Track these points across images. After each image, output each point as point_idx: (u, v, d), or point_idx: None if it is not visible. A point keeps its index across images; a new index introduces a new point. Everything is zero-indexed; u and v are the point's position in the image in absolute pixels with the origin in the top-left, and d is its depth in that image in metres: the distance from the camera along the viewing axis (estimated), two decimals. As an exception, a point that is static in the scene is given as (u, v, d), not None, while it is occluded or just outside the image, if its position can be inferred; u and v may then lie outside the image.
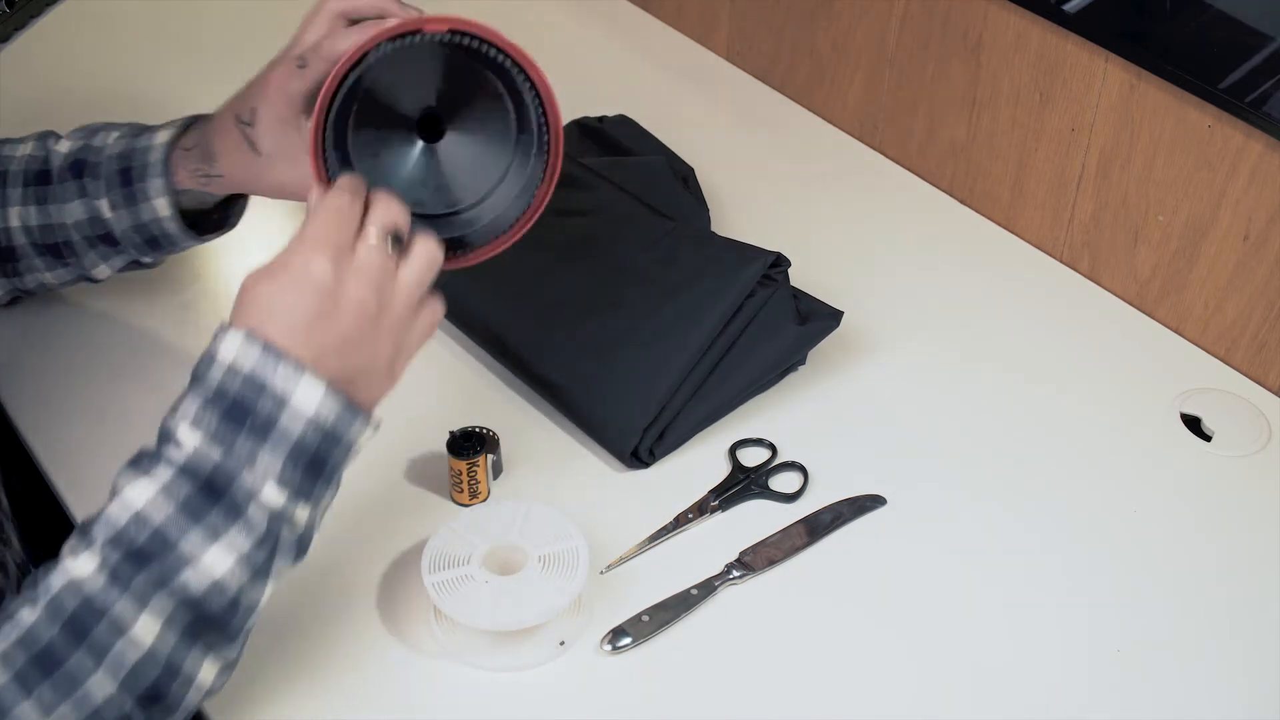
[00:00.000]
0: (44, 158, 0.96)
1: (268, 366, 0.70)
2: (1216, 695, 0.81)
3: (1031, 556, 0.89)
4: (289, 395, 0.70)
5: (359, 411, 0.73)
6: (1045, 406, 0.99)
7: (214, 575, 0.70)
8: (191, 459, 0.70)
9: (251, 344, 0.71)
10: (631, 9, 1.46)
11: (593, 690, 0.81)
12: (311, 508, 0.73)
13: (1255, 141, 0.95)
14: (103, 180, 0.93)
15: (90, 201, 0.94)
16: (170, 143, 0.92)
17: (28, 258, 0.97)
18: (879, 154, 1.25)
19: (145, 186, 0.92)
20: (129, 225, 0.93)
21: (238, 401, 0.70)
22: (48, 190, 0.95)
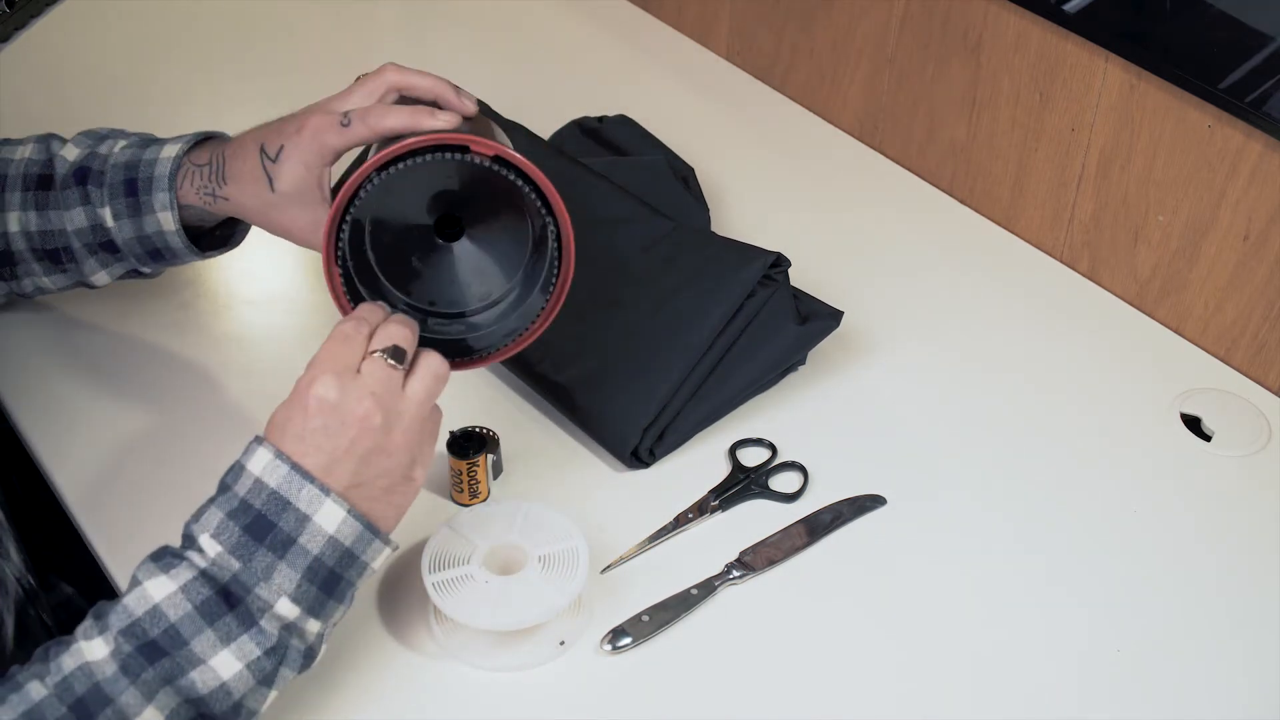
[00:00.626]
0: (46, 161, 0.96)
1: (293, 486, 0.72)
2: (1216, 695, 0.81)
3: (1031, 556, 0.89)
4: (312, 515, 0.72)
5: (377, 534, 0.74)
6: (1045, 407, 0.99)
7: (221, 678, 0.70)
8: (211, 567, 0.71)
9: (280, 463, 0.73)
10: (631, 9, 1.46)
11: (593, 690, 0.81)
12: (322, 622, 0.74)
13: (1255, 141, 0.95)
14: (106, 189, 0.93)
15: (93, 209, 0.94)
16: (179, 156, 0.92)
17: (26, 262, 0.97)
18: (879, 154, 1.25)
19: (150, 199, 0.92)
20: (131, 235, 0.93)
21: (261, 518, 0.72)
22: (49, 196, 0.95)
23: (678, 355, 0.95)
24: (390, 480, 0.75)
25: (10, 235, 0.96)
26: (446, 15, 1.45)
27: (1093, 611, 0.85)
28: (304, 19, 1.44)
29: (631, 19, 1.45)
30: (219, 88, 1.32)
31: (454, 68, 1.31)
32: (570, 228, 0.82)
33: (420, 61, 1.39)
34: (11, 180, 0.96)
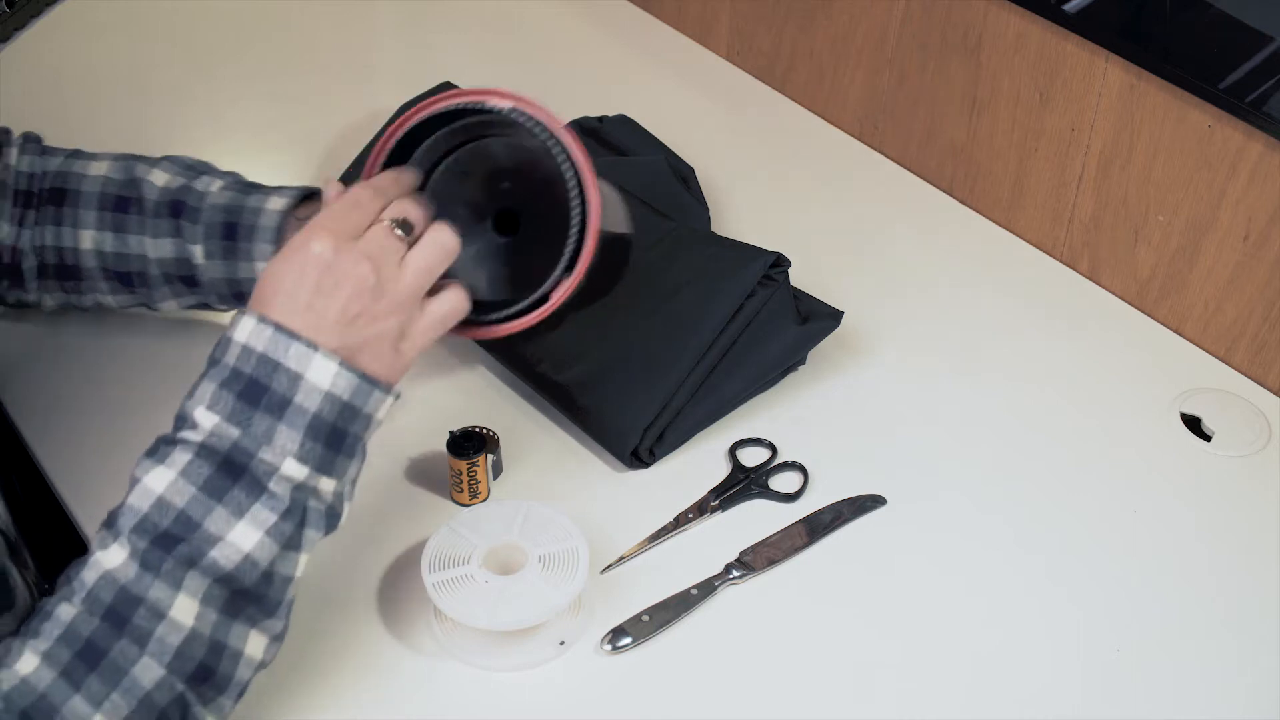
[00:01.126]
0: (128, 183, 0.95)
1: (279, 346, 0.72)
2: (1216, 695, 0.81)
3: (1031, 556, 0.89)
4: (303, 372, 0.72)
5: (376, 383, 0.74)
6: (1045, 407, 0.99)
7: (243, 550, 0.71)
8: (209, 439, 0.71)
9: (264, 326, 0.72)
10: (631, 9, 1.46)
11: (593, 690, 0.81)
12: (337, 480, 0.74)
13: (1255, 141, 0.95)
14: (202, 227, 0.93)
15: (183, 244, 0.94)
16: (286, 211, 0.93)
17: (93, 279, 0.97)
18: (879, 154, 1.25)
19: (250, 247, 0.93)
20: (220, 276, 0.94)
21: (253, 381, 0.72)
22: (130, 219, 0.95)
23: (678, 355, 0.95)
24: (379, 347, 0.75)
25: (82, 251, 0.96)
26: (446, 15, 1.45)
27: (1093, 611, 0.85)
28: (304, 19, 1.44)
29: (631, 19, 1.45)
30: (219, 88, 1.32)
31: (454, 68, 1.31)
32: (597, 198, 0.82)
33: (420, 61, 1.40)
34: (87, 197, 0.95)
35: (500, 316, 0.85)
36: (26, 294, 1.00)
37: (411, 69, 1.39)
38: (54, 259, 0.97)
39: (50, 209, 0.96)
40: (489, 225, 0.85)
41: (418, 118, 0.83)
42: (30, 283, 0.99)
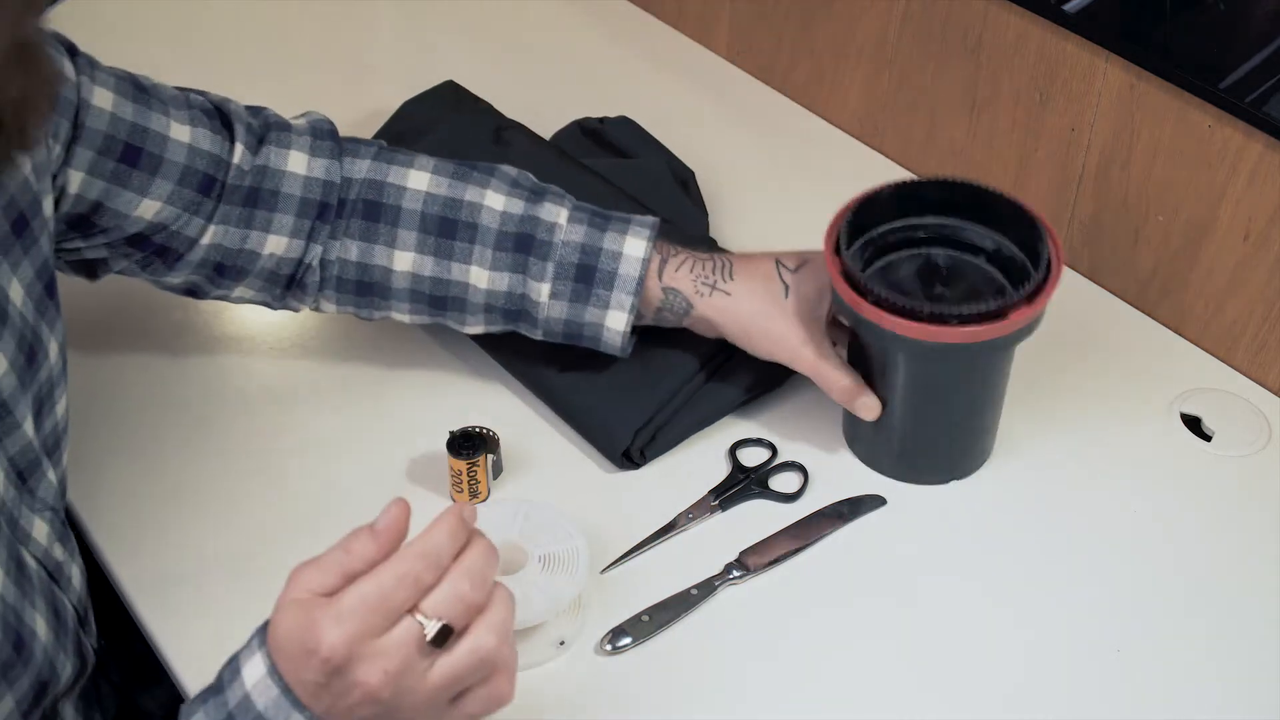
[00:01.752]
0: (454, 204, 0.89)
1: (280, 713, 0.65)
2: (1216, 695, 0.81)
3: (1031, 556, 0.89)
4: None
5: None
6: (1045, 406, 0.99)
7: None
8: None
9: (271, 682, 0.65)
10: (631, 9, 1.46)
11: (593, 690, 0.81)
12: None
13: (1255, 141, 0.95)
14: (552, 265, 0.89)
15: (526, 280, 0.89)
16: (646, 258, 0.90)
17: (398, 299, 0.92)
18: (879, 154, 1.25)
19: (608, 295, 0.89)
20: (559, 316, 0.90)
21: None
22: (459, 247, 0.89)
23: (674, 359, 0.95)
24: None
25: (394, 273, 0.90)
26: (446, 15, 1.45)
27: (1092, 611, 0.85)
28: (304, 19, 1.44)
29: (631, 19, 1.45)
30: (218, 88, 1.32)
31: (454, 67, 1.31)
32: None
33: (420, 61, 1.40)
34: (407, 215, 0.89)
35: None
36: (303, 303, 0.94)
37: (411, 69, 1.39)
38: (355, 275, 0.91)
39: (359, 224, 0.89)
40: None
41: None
42: (310, 295, 0.93)
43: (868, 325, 0.85)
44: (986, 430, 0.94)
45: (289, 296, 0.94)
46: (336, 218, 0.90)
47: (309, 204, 0.90)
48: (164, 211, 0.87)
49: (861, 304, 0.84)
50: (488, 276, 0.90)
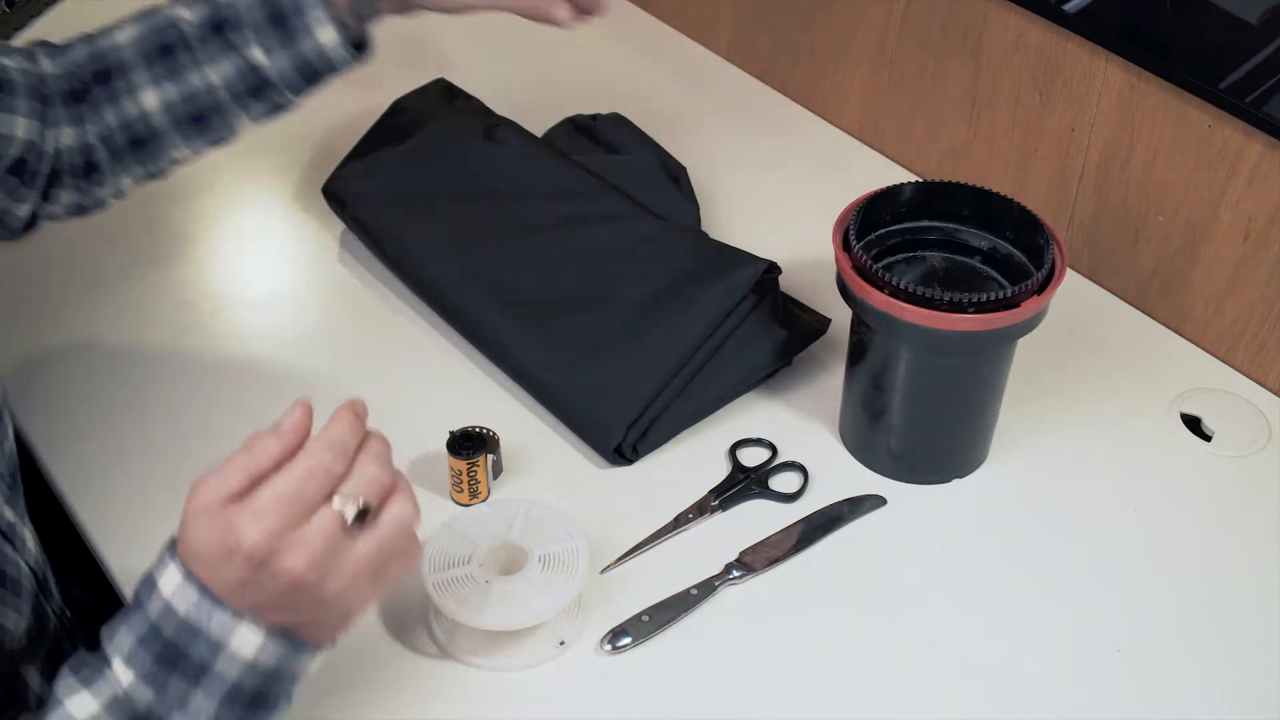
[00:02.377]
0: (162, 29, 0.95)
1: (203, 613, 0.65)
2: (1216, 695, 0.81)
3: (1031, 556, 0.89)
4: (225, 641, 0.65)
5: (304, 647, 0.67)
6: (1044, 405, 0.99)
7: None
8: (125, 695, 0.66)
9: (189, 586, 0.65)
10: (631, 9, 1.46)
11: (593, 690, 0.81)
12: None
13: (1255, 141, 0.95)
14: (249, 28, 0.94)
15: (241, 53, 0.94)
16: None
17: (168, 136, 0.96)
18: (879, 154, 1.25)
19: (303, 21, 0.94)
20: (287, 64, 0.95)
21: (170, 644, 0.65)
22: (182, 60, 0.95)
23: (663, 356, 0.95)
24: (319, 626, 0.68)
25: (150, 114, 0.95)
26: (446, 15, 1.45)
27: (1093, 611, 0.85)
28: (304, 19, 1.44)
29: (631, 19, 1.45)
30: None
31: (452, 66, 1.31)
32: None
33: (419, 59, 1.39)
34: (129, 63, 0.95)
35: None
36: (105, 187, 0.98)
37: (410, 67, 1.39)
38: (124, 137, 0.96)
39: (101, 90, 0.95)
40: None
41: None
42: (106, 173, 0.97)
43: (881, 317, 0.85)
44: (985, 430, 0.94)
45: (93, 185, 0.98)
46: (87, 96, 0.95)
47: (66, 95, 0.95)
48: (30, 127, 0.91)
49: (877, 295, 0.84)
50: (214, 70, 0.95)
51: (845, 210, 0.90)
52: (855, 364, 0.92)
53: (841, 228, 0.89)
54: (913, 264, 0.91)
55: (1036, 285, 0.84)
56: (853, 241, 0.87)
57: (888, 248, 0.91)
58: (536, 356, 0.97)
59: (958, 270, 0.91)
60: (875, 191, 0.91)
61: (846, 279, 0.86)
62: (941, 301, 0.83)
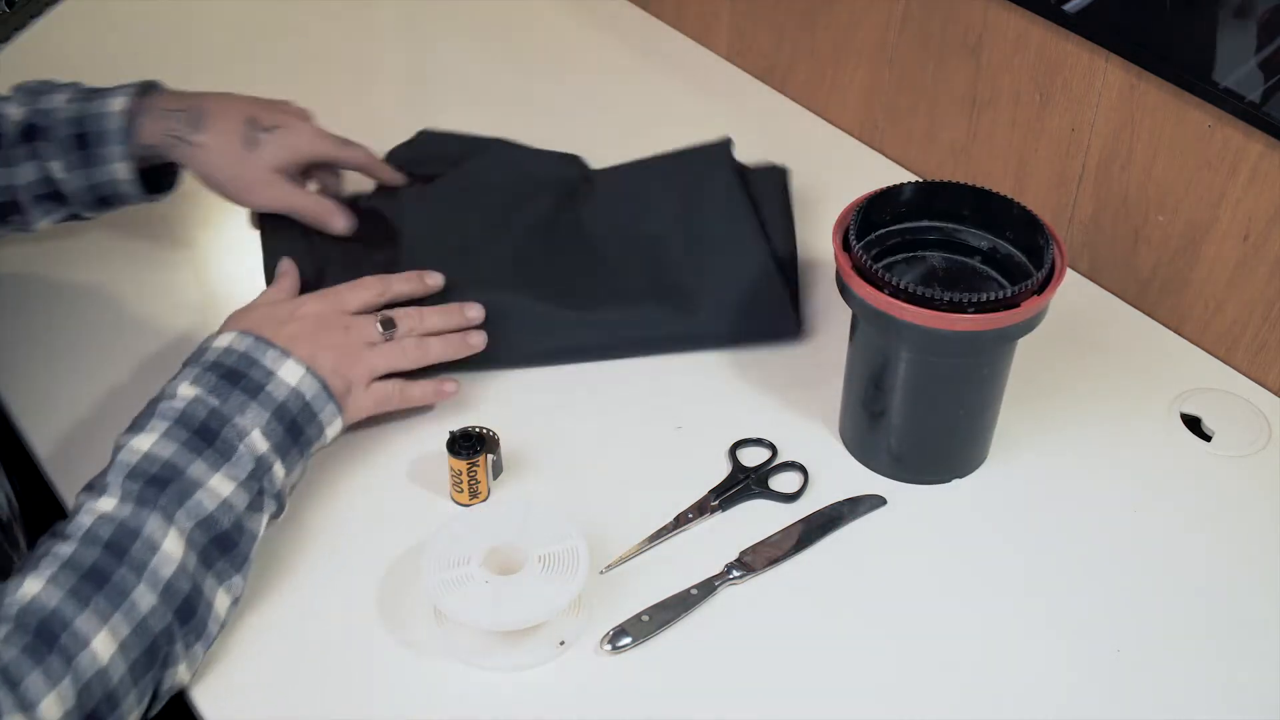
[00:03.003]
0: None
1: (259, 349, 0.85)
2: (1216, 695, 0.81)
3: (1031, 556, 0.89)
4: (276, 370, 0.85)
5: (333, 396, 0.87)
6: (1045, 405, 0.99)
7: (221, 495, 0.79)
8: (190, 405, 0.81)
9: (246, 336, 0.86)
10: (631, 9, 1.46)
11: (593, 690, 0.81)
12: (286, 470, 0.84)
13: (1255, 141, 0.95)
14: (55, 144, 0.98)
15: (42, 164, 0.99)
16: (126, 111, 0.98)
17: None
18: (879, 154, 1.25)
19: (101, 151, 0.98)
20: (82, 185, 0.99)
21: (233, 369, 0.84)
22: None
23: (745, 241, 1.04)
24: (336, 376, 0.88)
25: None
26: (446, 16, 1.45)
27: (1092, 611, 0.85)
28: (304, 19, 1.44)
29: (631, 19, 1.45)
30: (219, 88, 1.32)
31: (453, 68, 1.31)
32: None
33: (420, 62, 1.40)
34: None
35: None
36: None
37: (411, 69, 1.39)
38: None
39: None
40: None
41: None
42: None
43: (881, 318, 0.85)
44: (985, 430, 0.94)
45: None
46: None
47: None
48: None
49: (877, 295, 0.84)
50: (20, 171, 0.99)
51: (845, 210, 0.90)
52: (855, 364, 0.92)
53: (841, 228, 0.89)
54: (913, 264, 0.91)
55: (1036, 285, 0.84)
56: (853, 241, 0.87)
57: (888, 248, 0.91)
58: (656, 319, 1.01)
59: (957, 270, 0.91)
60: (875, 191, 0.91)
61: (846, 279, 0.86)
62: (941, 301, 0.83)
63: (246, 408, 0.82)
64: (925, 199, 0.91)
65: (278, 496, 0.83)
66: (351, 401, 0.89)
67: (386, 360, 0.92)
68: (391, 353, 0.93)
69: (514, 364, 1.01)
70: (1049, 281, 0.85)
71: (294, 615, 0.84)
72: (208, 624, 0.78)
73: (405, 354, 0.93)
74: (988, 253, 0.91)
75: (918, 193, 0.91)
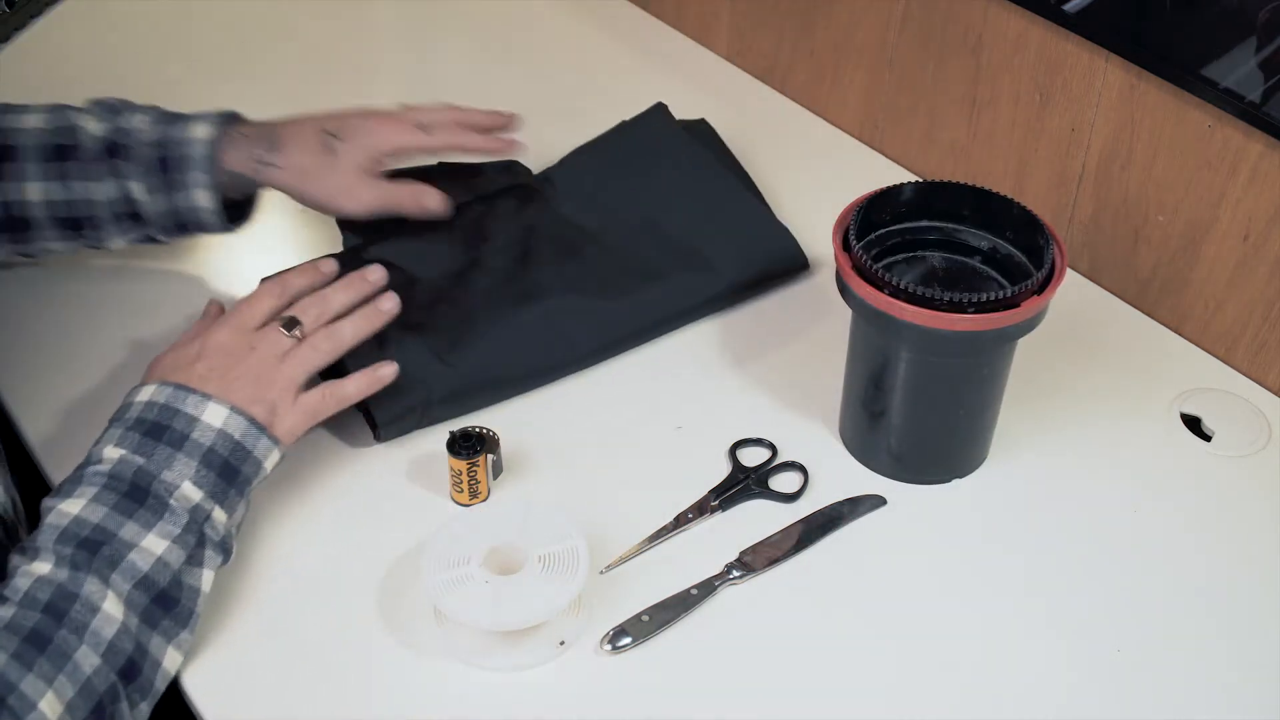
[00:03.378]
0: (63, 130, 0.99)
1: (179, 397, 0.83)
2: (1216, 695, 0.81)
3: (1031, 556, 0.89)
4: (199, 415, 0.82)
5: (264, 431, 0.84)
6: (1045, 405, 0.99)
7: (155, 553, 0.78)
8: (116, 467, 0.79)
9: (164, 386, 0.83)
10: (631, 9, 1.46)
11: (593, 690, 0.81)
12: (227, 514, 0.82)
13: (1255, 141, 0.95)
14: (137, 164, 0.98)
15: (123, 183, 0.98)
16: (213, 139, 0.98)
17: (41, 229, 1.00)
18: (879, 154, 1.25)
19: (184, 177, 0.98)
20: (163, 209, 0.99)
21: (155, 423, 0.81)
22: (71, 167, 0.98)
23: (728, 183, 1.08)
24: (260, 403, 0.85)
25: (30, 204, 0.99)
26: (446, 16, 1.45)
27: (1092, 611, 0.85)
28: (304, 20, 1.44)
29: (631, 19, 1.45)
30: (219, 88, 1.32)
31: (453, 68, 1.31)
32: None
33: (420, 62, 1.40)
34: (25, 150, 0.98)
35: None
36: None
37: (411, 70, 1.39)
38: (1, 212, 0.99)
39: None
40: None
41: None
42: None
43: (881, 318, 0.85)
44: (985, 430, 0.94)
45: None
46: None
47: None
48: None
49: (877, 295, 0.84)
50: (99, 187, 0.99)
51: (845, 210, 0.90)
52: (855, 364, 0.92)
53: (841, 228, 0.89)
54: (913, 264, 0.91)
55: (1036, 285, 0.84)
56: (853, 241, 0.87)
57: (888, 248, 0.91)
58: (690, 286, 1.03)
59: (957, 270, 0.91)
60: (875, 191, 0.91)
61: (846, 279, 0.86)
62: (941, 301, 0.83)
63: (173, 461, 0.80)
64: (925, 199, 0.91)
65: (222, 543, 0.81)
66: (280, 425, 0.85)
67: (302, 366, 0.88)
68: (305, 355, 0.88)
69: (580, 366, 1.01)
70: (1049, 281, 0.85)
71: (294, 615, 0.84)
72: (154, 682, 0.77)
73: (318, 350, 0.89)
74: (988, 253, 0.91)
75: (918, 193, 0.91)
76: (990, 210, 0.90)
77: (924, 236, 0.92)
